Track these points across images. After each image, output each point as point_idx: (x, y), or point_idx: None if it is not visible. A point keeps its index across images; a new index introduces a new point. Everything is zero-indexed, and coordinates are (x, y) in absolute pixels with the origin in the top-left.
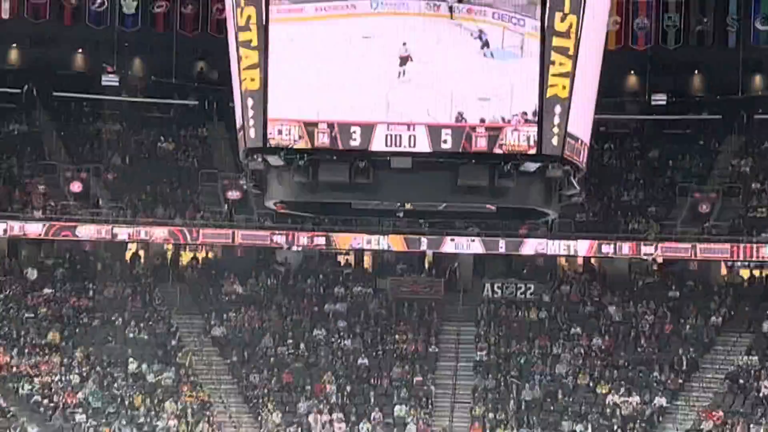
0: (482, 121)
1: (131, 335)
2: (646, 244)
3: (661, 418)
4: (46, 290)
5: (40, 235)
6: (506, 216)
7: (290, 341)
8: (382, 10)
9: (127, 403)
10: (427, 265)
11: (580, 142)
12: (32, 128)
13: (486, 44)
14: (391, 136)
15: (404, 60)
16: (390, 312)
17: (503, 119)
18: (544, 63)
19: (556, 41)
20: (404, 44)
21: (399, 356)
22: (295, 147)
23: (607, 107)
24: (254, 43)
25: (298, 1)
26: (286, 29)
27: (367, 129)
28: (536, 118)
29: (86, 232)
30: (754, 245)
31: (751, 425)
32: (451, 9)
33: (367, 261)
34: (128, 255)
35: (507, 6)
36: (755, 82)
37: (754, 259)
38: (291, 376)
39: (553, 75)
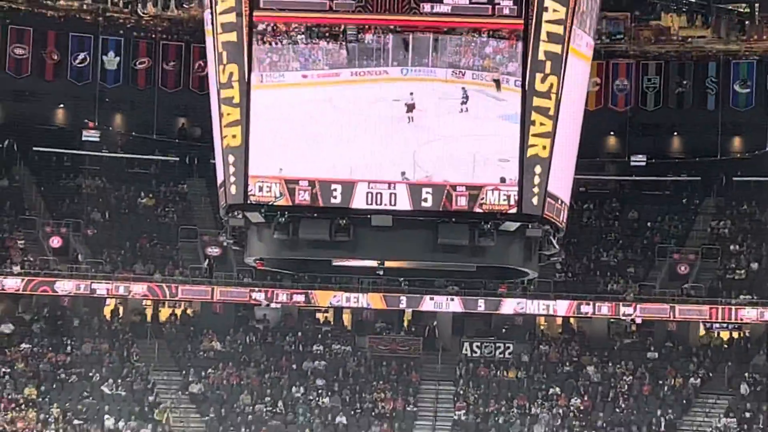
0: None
1: (108, 391)
2: (624, 305)
3: None
4: (24, 345)
5: (18, 289)
6: (486, 275)
7: (268, 399)
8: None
9: None
10: (406, 324)
11: (560, 202)
12: (12, 183)
13: (465, 99)
14: (371, 194)
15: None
16: (368, 370)
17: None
18: (525, 123)
19: (536, 101)
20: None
21: (377, 415)
22: (275, 204)
23: (587, 168)
24: (236, 100)
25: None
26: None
27: (348, 187)
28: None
29: (65, 287)
30: (733, 307)
31: None
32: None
33: (347, 319)
34: (107, 311)
35: None
36: (734, 145)
37: (732, 320)
38: None
39: (534, 135)
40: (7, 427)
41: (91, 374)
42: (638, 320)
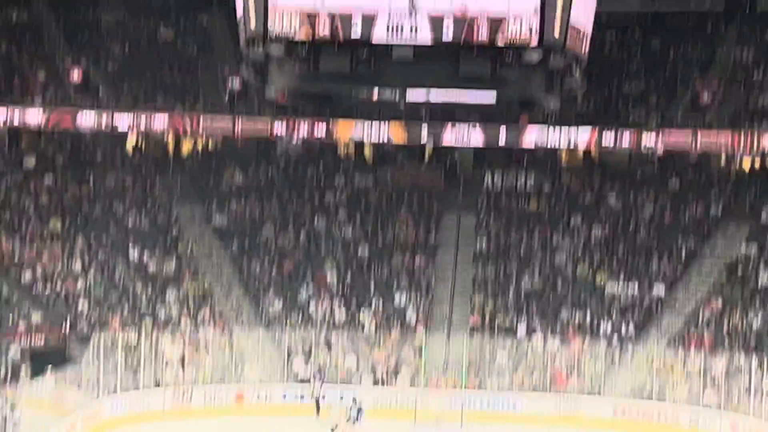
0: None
1: (132, 224)
2: (647, 131)
3: (659, 307)
4: (47, 179)
5: (40, 124)
6: (506, 106)
7: (291, 230)
8: None
9: (130, 291)
10: (427, 156)
11: (581, 32)
12: (31, 17)
13: None
14: (392, 26)
15: None
16: (390, 201)
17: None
18: None
19: None
20: None
21: (399, 246)
22: (295, 38)
23: None
24: None
25: None
26: None
27: (368, 19)
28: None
29: (86, 121)
30: (755, 135)
31: (749, 314)
32: None
33: (368, 151)
34: (129, 144)
35: None
36: None
37: (754, 149)
38: (292, 264)
39: None
40: (33, 259)
41: (114, 207)
42: (660, 150)
